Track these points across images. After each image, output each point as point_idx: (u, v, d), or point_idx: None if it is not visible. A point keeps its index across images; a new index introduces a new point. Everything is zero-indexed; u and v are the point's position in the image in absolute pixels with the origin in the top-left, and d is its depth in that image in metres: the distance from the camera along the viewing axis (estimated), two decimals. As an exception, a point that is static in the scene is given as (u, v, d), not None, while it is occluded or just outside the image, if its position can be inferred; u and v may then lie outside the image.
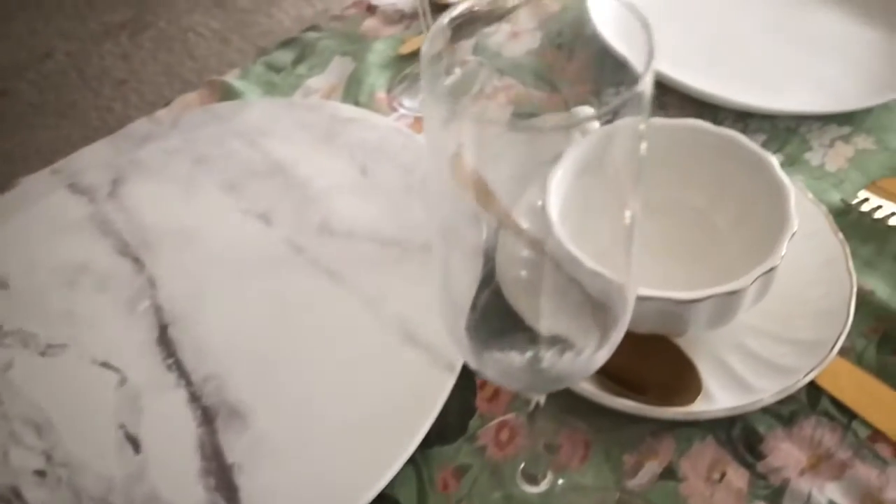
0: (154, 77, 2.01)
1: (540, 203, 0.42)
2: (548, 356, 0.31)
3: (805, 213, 0.45)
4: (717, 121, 0.57)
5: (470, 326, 0.29)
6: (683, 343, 0.42)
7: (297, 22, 2.15)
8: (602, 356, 0.29)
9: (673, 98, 0.59)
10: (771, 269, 0.38)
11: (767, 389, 0.40)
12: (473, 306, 0.30)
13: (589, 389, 0.40)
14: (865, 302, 0.45)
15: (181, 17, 2.23)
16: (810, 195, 0.47)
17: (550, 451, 0.42)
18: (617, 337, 0.28)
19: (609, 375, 0.41)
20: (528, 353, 0.31)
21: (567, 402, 0.42)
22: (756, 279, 0.37)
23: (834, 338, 0.41)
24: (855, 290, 0.42)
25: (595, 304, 0.30)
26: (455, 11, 0.26)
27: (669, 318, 0.39)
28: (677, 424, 0.42)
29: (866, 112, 0.56)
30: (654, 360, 0.42)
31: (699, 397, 0.40)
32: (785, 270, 0.39)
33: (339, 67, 0.71)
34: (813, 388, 0.42)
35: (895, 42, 0.61)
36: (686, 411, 0.39)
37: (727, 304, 0.38)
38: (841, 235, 0.44)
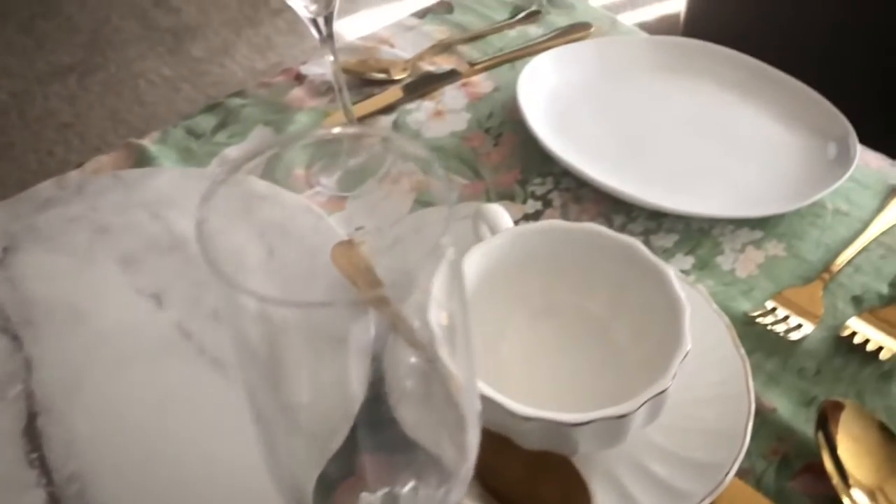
0: (99, 122, 1.97)
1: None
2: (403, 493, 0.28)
3: (707, 325, 0.44)
4: (630, 217, 0.57)
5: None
6: (579, 460, 0.40)
7: (249, 73, 2.14)
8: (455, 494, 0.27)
9: (588, 191, 0.58)
10: (661, 393, 0.36)
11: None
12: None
13: (473, 507, 0.38)
14: (767, 421, 0.44)
15: (133, 62, 2.20)
16: (714, 305, 0.46)
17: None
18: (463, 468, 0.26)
19: (498, 494, 0.39)
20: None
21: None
22: (643, 403, 0.36)
23: (730, 461, 0.39)
24: (753, 411, 0.41)
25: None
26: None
27: (556, 438, 0.37)
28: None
29: (779, 217, 0.56)
30: (545, 479, 0.40)
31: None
32: (683, 385, 0.38)
33: (259, 137, 0.69)
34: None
35: (811, 149, 0.61)
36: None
37: (615, 427, 0.37)
38: (742, 350, 0.43)
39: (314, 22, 0.55)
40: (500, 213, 0.47)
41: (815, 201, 0.55)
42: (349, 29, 1.78)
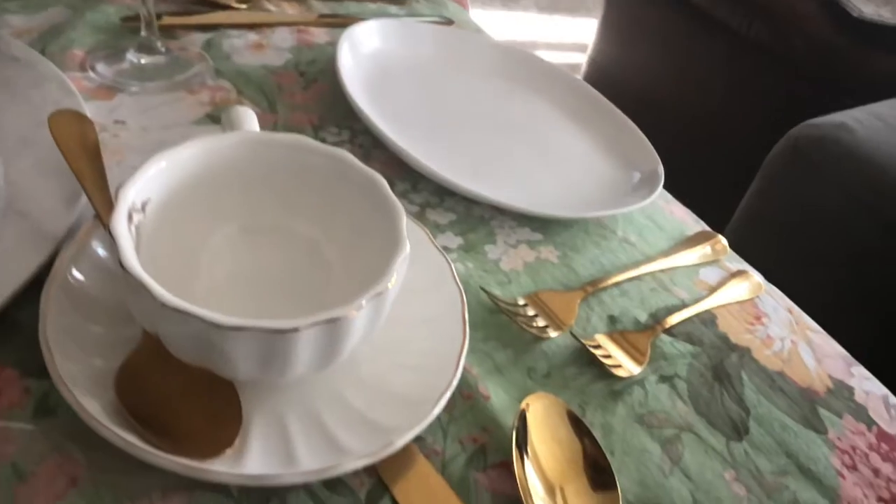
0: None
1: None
2: None
3: (429, 262, 0.40)
4: (416, 188, 0.52)
5: None
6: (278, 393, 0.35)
7: None
8: None
9: (380, 153, 0.54)
10: (379, 294, 0.31)
11: (311, 465, 0.32)
12: None
13: (93, 416, 0.31)
14: (478, 407, 0.39)
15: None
16: (437, 244, 0.42)
17: (18, 477, 0.31)
18: None
19: (143, 414, 0.32)
20: None
21: (73, 429, 0.32)
22: (363, 304, 0.31)
23: (434, 399, 0.35)
24: (465, 346, 0.38)
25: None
26: None
27: (267, 352, 0.31)
28: (200, 485, 0.33)
29: (563, 229, 0.53)
30: (197, 403, 0.34)
31: (235, 457, 0.32)
32: (398, 315, 0.35)
33: (53, 15, 0.61)
34: (379, 485, 0.35)
35: (616, 174, 0.59)
36: (195, 466, 0.31)
37: (333, 334, 0.31)
38: (461, 287, 0.40)
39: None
40: (248, 116, 0.42)
41: (605, 224, 0.53)
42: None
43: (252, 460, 0.32)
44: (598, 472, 0.37)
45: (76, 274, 0.37)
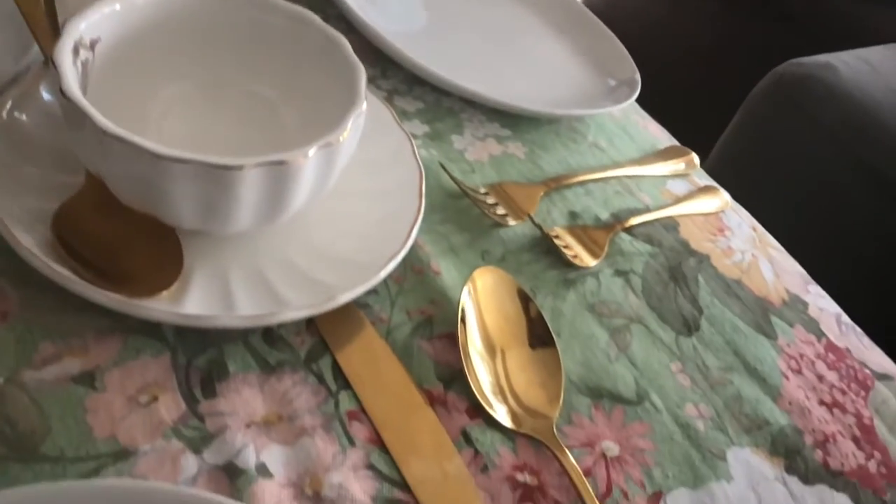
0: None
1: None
2: None
3: (392, 140, 0.40)
4: (385, 75, 0.51)
5: None
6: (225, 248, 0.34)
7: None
8: None
9: (355, 39, 0.52)
10: (329, 145, 0.31)
11: (250, 311, 0.32)
12: None
13: (27, 248, 0.30)
14: (427, 281, 0.39)
15: None
16: (399, 122, 0.42)
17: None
18: None
19: (80, 256, 0.31)
20: None
21: (5, 265, 0.32)
22: (313, 154, 0.30)
23: (383, 261, 0.34)
24: (420, 217, 0.37)
25: None
26: None
27: (211, 195, 0.30)
28: (136, 331, 0.32)
29: (533, 127, 0.52)
30: (137, 248, 0.33)
31: (172, 300, 0.31)
32: (354, 190, 0.35)
33: None
34: (320, 344, 0.35)
35: (591, 79, 0.58)
36: (132, 302, 0.30)
37: (280, 179, 0.30)
38: (421, 163, 0.40)
39: None
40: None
41: (576, 128, 0.52)
42: None
43: (190, 303, 0.31)
44: (541, 343, 0.37)
45: (18, 115, 0.36)
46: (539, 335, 0.37)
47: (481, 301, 0.37)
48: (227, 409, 0.31)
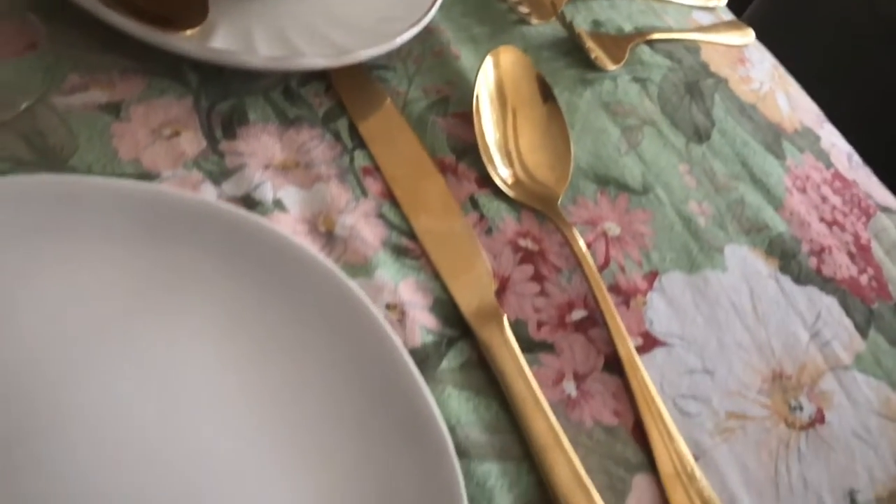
0: None
1: None
2: None
3: None
4: None
5: None
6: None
7: None
8: None
9: None
10: None
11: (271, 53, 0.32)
12: None
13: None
14: (447, 63, 0.39)
15: None
16: None
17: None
18: None
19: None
20: None
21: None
22: None
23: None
24: None
25: None
26: None
27: None
28: (160, 73, 0.33)
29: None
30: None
31: (198, 38, 0.32)
32: None
33: None
34: (337, 108, 0.35)
35: None
36: (159, 34, 0.31)
37: None
38: None
39: None
40: None
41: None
42: None
43: (214, 42, 0.32)
44: (554, 128, 0.37)
45: None
46: (552, 121, 0.38)
47: (500, 78, 0.37)
48: (247, 151, 0.32)
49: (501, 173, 0.36)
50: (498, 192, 0.35)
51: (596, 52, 0.43)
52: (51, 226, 0.25)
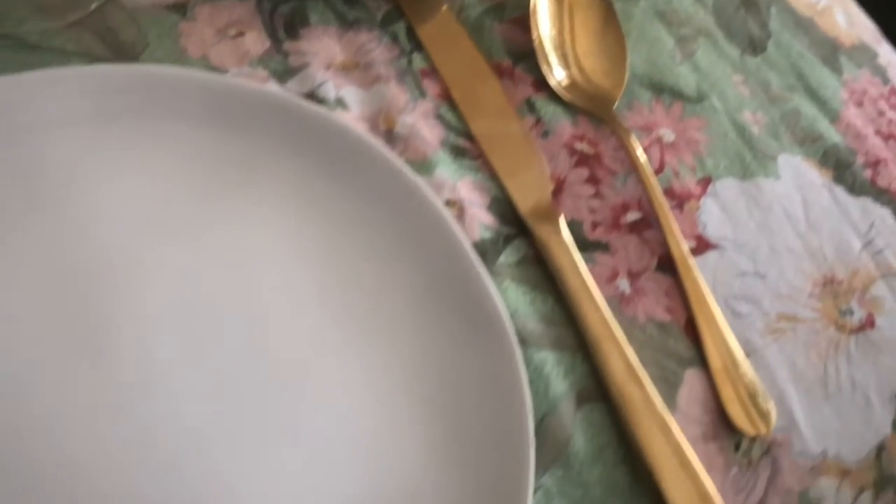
0: None
1: None
2: None
3: None
4: None
5: None
6: None
7: None
8: None
9: None
10: None
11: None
12: None
13: None
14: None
15: None
16: None
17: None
18: None
19: None
20: None
21: None
22: None
23: None
24: None
25: None
26: None
27: None
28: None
29: None
30: None
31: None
32: None
33: None
34: (395, 12, 0.36)
35: None
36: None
37: None
38: None
39: None
40: None
41: None
42: None
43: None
44: (611, 35, 0.37)
45: None
46: (608, 26, 0.38)
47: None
48: (309, 50, 0.33)
49: (557, 75, 0.36)
50: (554, 96, 0.36)
51: (652, -39, 0.43)
52: (132, 113, 0.26)
